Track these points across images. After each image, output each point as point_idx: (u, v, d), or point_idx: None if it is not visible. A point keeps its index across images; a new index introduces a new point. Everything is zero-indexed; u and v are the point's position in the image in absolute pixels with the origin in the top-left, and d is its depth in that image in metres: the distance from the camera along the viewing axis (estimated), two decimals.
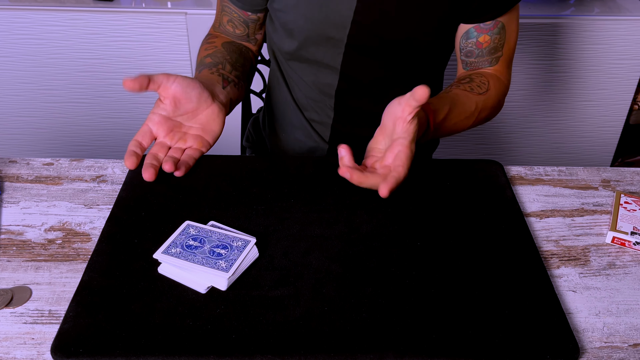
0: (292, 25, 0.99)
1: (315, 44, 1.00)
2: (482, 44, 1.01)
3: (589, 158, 2.03)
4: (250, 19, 1.06)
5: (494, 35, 1.00)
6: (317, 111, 1.09)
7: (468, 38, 1.01)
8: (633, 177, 0.98)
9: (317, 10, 0.96)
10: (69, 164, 0.96)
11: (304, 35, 0.99)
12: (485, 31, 0.99)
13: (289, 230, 0.81)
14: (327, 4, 0.95)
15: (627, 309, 0.74)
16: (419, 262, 0.77)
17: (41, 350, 0.66)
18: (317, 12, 0.96)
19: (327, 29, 0.97)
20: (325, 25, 0.97)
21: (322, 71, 1.03)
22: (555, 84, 1.86)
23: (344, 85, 1.04)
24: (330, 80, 1.04)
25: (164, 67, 1.74)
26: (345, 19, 0.95)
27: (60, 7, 1.66)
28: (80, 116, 1.85)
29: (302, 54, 1.03)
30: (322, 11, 0.95)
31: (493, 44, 1.01)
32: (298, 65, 1.05)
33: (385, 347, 0.65)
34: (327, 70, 1.03)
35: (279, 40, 1.05)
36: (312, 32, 0.98)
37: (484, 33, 1.00)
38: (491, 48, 1.01)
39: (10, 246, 0.80)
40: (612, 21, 1.74)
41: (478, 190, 0.90)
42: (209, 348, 0.65)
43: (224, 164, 0.93)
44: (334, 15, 0.95)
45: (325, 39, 0.98)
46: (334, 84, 1.04)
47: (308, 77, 1.05)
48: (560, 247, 0.83)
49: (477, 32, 1.00)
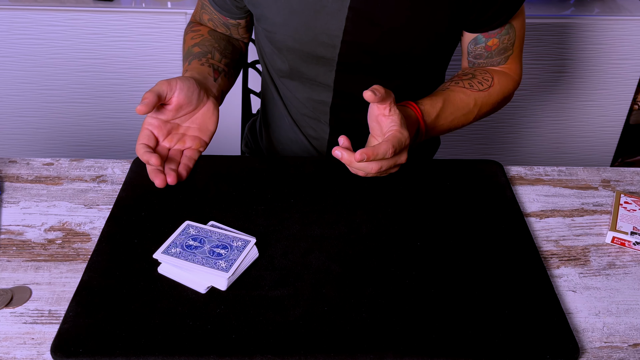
0: (280, 44, 0.97)
1: (306, 63, 0.98)
2: (492, 46, 0.99)
3: (589, 158, 2.03)
4: (230, 23, 1.04)
5: (502, 37, 0.98)
6: (312, 127, 1.08)
7: (477, 43, 0.99)
8: (633, 177, 0.98)
9: (304, 31, 0.93)
10: (69, 164, 0.96)
11: (293, 54, 0.97)
12: (493, 35, 0.98)
13: (289, 230, 0.81)
14: (315, 24, 0.92)
15: (627, 309, 0.74)
16: (418, 262, 0.76)
17: (41, 350, 0.66)
18: (304, 33, 0.93)
19: (316, 49, 0.95)
20: (314, 46, 0.94)
21: (315, 89, 1.01)
22: (555, 84, 1.86)
23: (339, 101, 1.02)
24: (324, 97, 1.02)
25: (164, 67, 1.74)
26: (334, 39, 0.92)
27: (60, 7, 1.66)
28: (80, 116, 1.84)
29: (293, 73, 1.01)
30: (309, 32, 0.93)
31: (502, 45, 0.99)
32: (290, 82, 1.03)
33: (385, 347, 0.65)
34: (320, 87, 1.00)
35: (270, 57, 1.03)
36: (302, 52, 0.95)
37: (492, 37, 0.98)
38: (500, 49, 1.00)
39: (10, 246, 0.80)
40: (612, 21, 1.74)
41: (478, 190, 0.90)
42: (209, 348, 0.65)
43: (224, 164, 0.93)
44: (323, 36, 0.93)
45: (316, 58, 0.96)
46: (328, 101, 1.02)
47: (301, 94, 1.04)
48: (560, 247, 0.83)
49: (485, 37, 0.98)
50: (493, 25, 0.96)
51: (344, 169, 0.92)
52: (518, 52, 1.02)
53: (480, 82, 0.98)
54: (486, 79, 0.99)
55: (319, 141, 1.09)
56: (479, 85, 0.97)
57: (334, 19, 0.90)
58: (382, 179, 0.90)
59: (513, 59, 1.02)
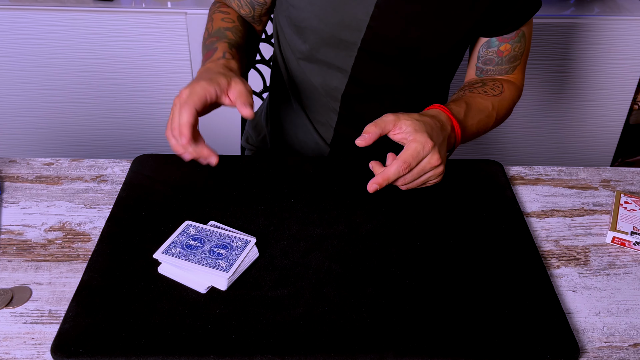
0: (305, 24, 0.97)
1: (327, 45, 0.99)
2: (503, 52, 1.01)
3: (589, 158, 2.03)
4: (257, 2, 1.04)
5: (514, 44, 1.00)
6: (320, 112, 1.09)
7: (489, 47, 1.00)
8: (633, 177, 0.98)
9: (332, 12, 0.94)
10: (69, 164, 0.96)
11: (316, 35, 0.98)
12: (507, 40, 0.99)
13: (289, 230, 0.81)
14: (343, 6, 0.93)
15: (627, 309, 0.74)
16: (419, 262, 0.76)
17: (41, 350, 0.66)
18: (332, 14, 0.94)
19: (340, 32, 0.96)
20: (339, 28, 0.95)
21: (331, 73, 1.03)
22: (556, 84, 1.86)
23: (352, 88, 1.03)
24: (338, 84, 1.03)
25: (164, 67, 1.74)
26: (360, 22, 0.94)
27: (60, 7, 1.66)
28: (80, 116, 1.84)
29: (313, 54, 1.01)
30: (337, 13, 0.94)
31: (513, 52, 1.01)
32: (307, 65, 1.04)
33: (385, 347, 0.65)
34: (336, 72, 1.02)
35: (291, 37, 1.03)
36: (325, 33, 0.97)
37: (506, 42, 0.99)
38: (511, 57, 1.02)
39: (10, 246, 0.80)
40: (612, 21, 1.74)
41: (478, 190, 0.90)
42: (209, 348, 0.65)
43: (224, 164, 0.93)
44: (349, 19, 0.94)
45: (338, 41, 0.97)
46: (341, 87, 1.03)
47: (316, 78, 1.05)
48: (560, 247, 0.83)
49: (499, 41, 0.99)
50: (509, 29, 0.98)
51: (344, 169, 0.93)
52: (524, 64, 1.05)
53: (492, 88, 1.00)
54: (497, 86, 1.01)
55: (325, 127, 1.10)
56: (492, 91, 0.99)
57: (363, 3, 0.92)
58: None
59: (519, 70, 1.05)
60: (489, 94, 0.99)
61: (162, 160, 0.94)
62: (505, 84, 1.02)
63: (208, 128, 1.86)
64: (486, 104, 0.97)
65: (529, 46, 1.03)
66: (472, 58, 1.05)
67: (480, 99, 0.97)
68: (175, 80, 1.77)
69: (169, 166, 0.92)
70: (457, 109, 0.92)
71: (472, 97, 0.97)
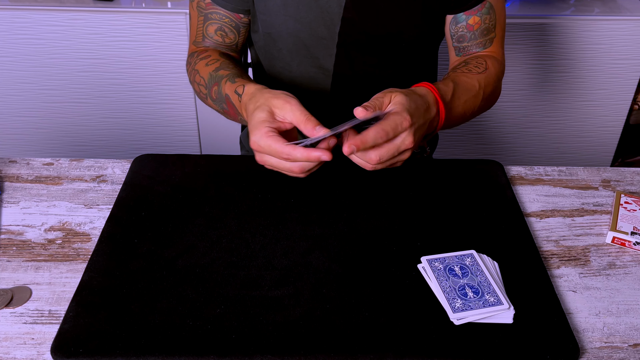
0: (281, 28, 0.97)
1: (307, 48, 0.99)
2: (473, 25, 1.01)
3: (589, 158, 2.03)
4: (242, 23, 1.03)
5: (483, 16, 1.00)
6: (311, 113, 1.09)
7: (457, 23, 1.01)
8: (633, 177, 0.98)
9: (305, 9, 0.94)
10: (69, 164, 0.96)
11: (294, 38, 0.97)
12: (473, 12, 1.00)
13: (289, 230, 0.81)
14: (315, 2, 0.94)
15: (627, 309, 0.74)
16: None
17: (41, 350, 0.66)
18: (306, 11, 0.95)
19: (317, 29, 0.96)
20: (315, 25, 0.96)
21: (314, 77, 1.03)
22: (555, 84, 1.86)
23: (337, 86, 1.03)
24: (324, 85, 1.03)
25: (164, 67, 1.74)
26: (334, 16, 0.95)
27: (60, 7, 1.66)
28: (80, 116, 1.84)
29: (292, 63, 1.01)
30: (311, 10, 0.94)
31: (484, 25, 1.01)
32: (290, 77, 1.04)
33: (385, 347, 0.65)
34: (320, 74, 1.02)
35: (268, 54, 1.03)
36: (303, 33, 0.97)
37: (473, 15, 1.00)
38: (483, 29, 1.02)
39: (10, 246, 0.80)
40: (612, 21, 1.74)
41: (478, 190, 0.90)
42: (209, 348, 0.65)
43: (224, 164, 0.93)
44: (323, 13, 0.95)
45: (317, 40, 0.97)
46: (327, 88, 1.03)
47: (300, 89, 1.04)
48: (560, 247, 0.83)
49: (465, 15, 1.00)
50: (472, 2, 0.98)
51: (345, 169, 0.92)
52: (500, 36, 1.04)
53: (476, 65, 1.00)
54: (480, 63, 1.01)
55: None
56: (476, 69, 0.99)
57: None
58: (384, 176, 0.90)
59: (497, 43, 1.04)
60: (473, 72, 0.98)
61: (162, 160, 0.94)
62: (489, 60, 1.01)
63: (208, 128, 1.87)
64: (472, 82, 0.96)
65: (502, 19, 1.03)
66: (448, 40, 1.05)
67: (466, 77, 0.96)
68: (175, 80, 1.76)
69: (169, 166, 0.92)
70: (445, 89, 0.90)
71: (458, 77, 0.96)
